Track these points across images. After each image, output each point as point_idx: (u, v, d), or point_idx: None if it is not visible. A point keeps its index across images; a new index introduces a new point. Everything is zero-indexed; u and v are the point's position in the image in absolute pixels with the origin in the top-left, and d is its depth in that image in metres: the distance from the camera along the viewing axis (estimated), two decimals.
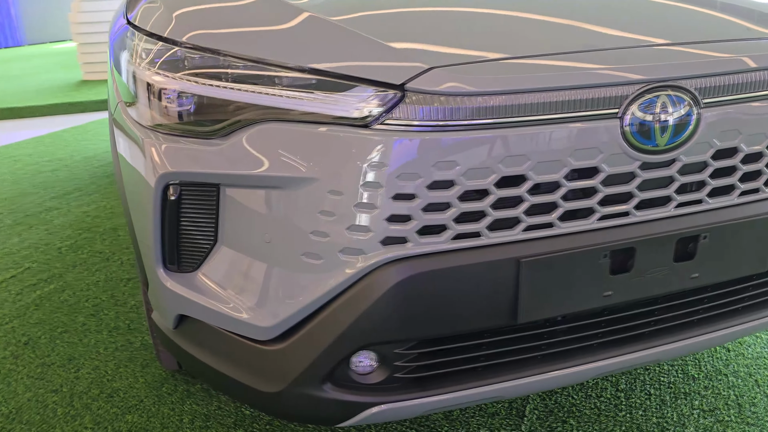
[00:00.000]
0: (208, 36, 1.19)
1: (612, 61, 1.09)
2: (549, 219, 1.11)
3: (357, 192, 1.04)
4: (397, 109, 1.03)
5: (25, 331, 2.14)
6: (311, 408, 1.18)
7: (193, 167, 1.15)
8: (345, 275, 1.08)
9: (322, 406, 1.17)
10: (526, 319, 1.13)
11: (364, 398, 1.16)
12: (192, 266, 1.26)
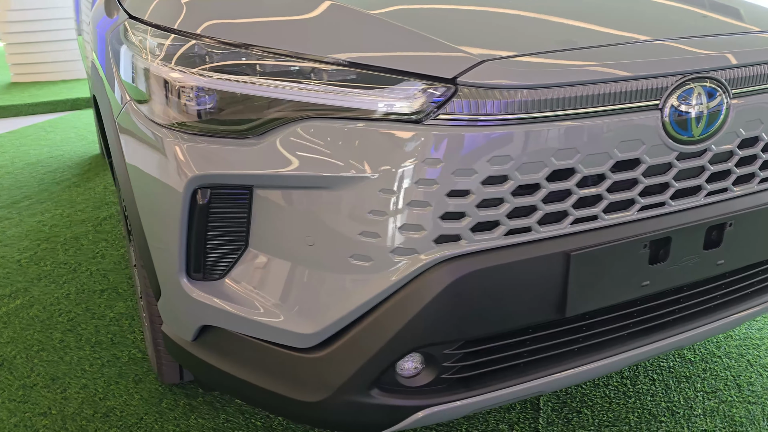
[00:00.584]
0: (237, 29, 1.13)
1: (652, 54, 1.10)
2: (594, 211, 1.11)
3: (410, 189, 1.01)
4: (450, 103, 1.00)
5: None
6: (357, 415, 1.14)
7: (227, 169, 1.09)
8: (397, 276, 1.04)
9: (369, 412, 1.13)
10: (573, 312, 1.13)
11: (412, 402, 1.13)
12: (219, 273, 1.19)
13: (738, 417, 1.62)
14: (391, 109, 1.02)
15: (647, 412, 1.64)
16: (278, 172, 1.06)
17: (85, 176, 3.83)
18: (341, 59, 1.05)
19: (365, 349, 1.08)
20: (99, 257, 2.65)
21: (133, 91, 1.23)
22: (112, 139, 1.38)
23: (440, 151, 1.00)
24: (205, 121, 1.11)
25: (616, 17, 1.22)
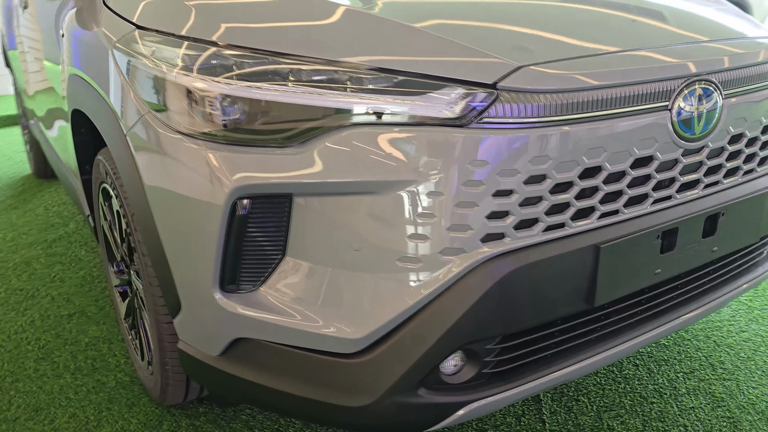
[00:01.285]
0: (269, 38, 1.13)
1: (661, 59, 1.20)
2: (617, 206, 1.19)
3: (458, 191, 1.05)
4: (492, 107, 1.05)
5: None
6: (405, 416, 1.16)
7: (269, 178, 1.08)
8: (446, 276, 1.08)
9: (417, 412, 1.16)
10: (601, 301, 1.20)
11: (456, 398, 1.17)
12: (254, 284, 1.18)
13: (718, 393, 1.76)
14: (436, 114, 1.05)
15: (638, 395, 1.75)
16: (324, 179, 1.07)
17: (21, 198, 3.61)
18: (382, 66, 1.07)
19: (414, 349, 1.10)
20: (57, 281, 2.51)
21: (155, 104, 1.20)
22: (120, 155, 1.33)
23: (485, 153, 1.05)
24: (244, 131, 1.11)
25: (624, 24, 1.32)
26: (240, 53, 1.13)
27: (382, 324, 1.10)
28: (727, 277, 1.54)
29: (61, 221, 3.18)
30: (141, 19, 1.30)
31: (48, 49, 2.16)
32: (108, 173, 1.54)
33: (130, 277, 1.72)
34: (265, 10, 1.26)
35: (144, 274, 1.43)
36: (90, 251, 2.80)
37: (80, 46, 1.60)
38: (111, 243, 1.82)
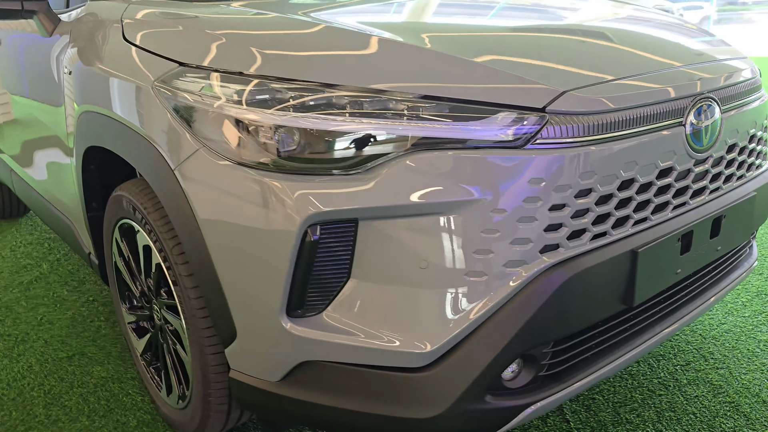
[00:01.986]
0: (319, 70, 1.19)
1: (676, 80, 1.34)
2: (646, 214, 1.31)
3: (519, 207, 1.14)
4: (544, 129, 1.15)
5: None
6: (473, 422, 1.22)
7: (340, 204, 1.14)
8: (510, 287, 1.16)
9: (484, 417, 1.23)
10: (639, 302, 1.31)
11: (518, 401, 1.24)
12: (320, 307, 1.22)
13: (715, 381, 1.91)
14: (493, 137, 1.14)
15: (646, 389, 1.88)
16: (391, 203, 1.14)
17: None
18: (439, 94, 1.15)
19: (482, 358, 1.18)
20: (46, 323, 2.43)
21: (212, 139, 1.23)
22: (166, 189, 1.35)
23: (541, 171, 1.14)
24: (309, 161, 1.16)
25: (636, 51, 1.45)
26: (299, 86, 1.18)
27: (451, 336, 1.17)
28: (725, 272, 1.70)
29: (32, 262, 3.07)
30: (184, 57, 1.34)
31: (37, 88, 2.12)
32: (136, 208, 1.54)
33: (152, 312, 1.72)
34: (310, 43, 1.33)
35: (187, 306, 1.44)
36: (72, 290, 2.72)
37: (99, 83, 1.60)
38: (127, 280, 1.80)
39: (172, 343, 1.64)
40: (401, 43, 1.29)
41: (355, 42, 1.32)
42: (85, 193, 1.86)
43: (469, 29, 1.52)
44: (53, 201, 2.29)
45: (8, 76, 2.49)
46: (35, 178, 2.44)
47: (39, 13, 1.95)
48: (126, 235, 1.72)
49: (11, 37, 2.44)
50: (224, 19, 1.52)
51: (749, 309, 2.34)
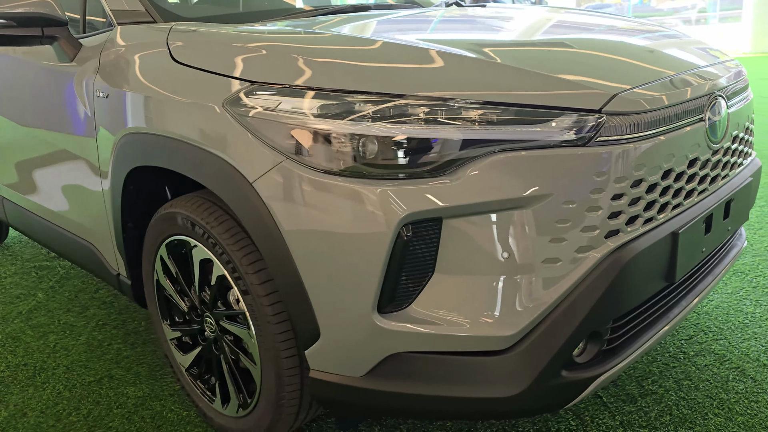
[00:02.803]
0: (393, 82, 1.30)
1: (695, 82, 1.52)
2: (680, 200, 1.48)
3: (587, 198, 1.28)
4: (602, 128, 1.29)
5: None
6: (551, 396, 1.35)
7: (429, 205, 1.24)
8: (581, 270, 1.29)
9: (560, 391, 1.35)
10: (678, 278, 1.47)
11: (587, 374, 1.38)
12: (408, 301, 1.32)
13: (719, 351, 2.11)
14: (559, 137, 1.28)
15: (661, 363, 2.06)
16: (474, 201, 1.25)
17: None
18: (513, 101, 1.28)
19: (558, 337, 1.30)
20: (61, 350, 2.41)
21: (299, 152, 1.31)
22: (243, 202, 1.41)
23: (604, 165, 1.28)
24: (394, 167, 1.26)
25: (660, 55, 1.63)
26: (375, 98, 1.28)
27: (531, 319, 1.29)
28: (727, 251, 1.90)
29: (25, 291, 3.00)
30: (253, 75, 1.41)
31: (51, 113, 2.11)
32: (196, 223, 1.59)
33: (204, 325, 1.76)
34: (373, 58, 1.43)
35: (259, 314, 1.50)
36: (78, 316, 2.69)
37: (149, 105, 1.64)
38: (173, 296, 1.84)
39: (231, 352, 1.69)
40: (461, 55, 1.41)
41: (416, 55, 1.43)
42: (123, 216, 1.88)
43: (515, 43, 1.66)
44: (68, 226, 2.28)
45: (5, 101, 2.45)
46: (42, 205, 2.42)
47: (60, 39, 1.96)
48: (175, 252, 1.76)
49: (5, 63, 2.41)
50: (282, 38, 1.60)
51: (730, 287, 2.57)
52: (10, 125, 2.45)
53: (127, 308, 2.74)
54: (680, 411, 1.81)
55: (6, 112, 2.45)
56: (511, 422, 1.79)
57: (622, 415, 1.81)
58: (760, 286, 2.55)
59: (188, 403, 2.01)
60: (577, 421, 1.79)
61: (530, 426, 1.78)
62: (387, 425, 1.82)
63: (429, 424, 1.80)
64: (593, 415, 1.81)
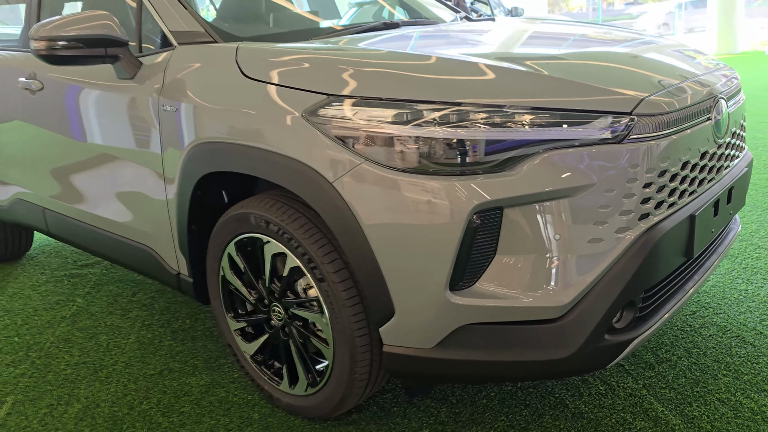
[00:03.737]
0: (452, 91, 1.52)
1: (705, 84, 1.77)
2: (694, 187, 1.73)
3: (623, 186, 1.52)
4: (635, 127, 1.53)
5: None
6: (596, 357, 1.58)
7: (495, 195, 1.47)
8: (620, 248, 1.53)
9: (604, 352, 1.58)
10: (695, 255, 1.72)
11: (625, 338, 1.61)
12: (474, 279, 1.54)
13: (720, 323, 2.37)
14: (598, 136, 1.51)
15: (671, 335, 2.31)
16: (531, 192, 1.48)
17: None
18: (560, 107, 1.51)
19: (602, 305, 1.53)
20: (115, 349, 2.57)
21: (381, 155, 1.52)
22: (324, 201, 1.61)
23: (636, 158, 1.52)
24: (463, 165, 1.48)
25: (671, 63, 1.88)
26: (440, 106, 1.50)
27: (580, 290, 1.52)
28: (727, 233, 2.16)
29: (63, 298, 3.15)
30: (331, 89, 1.62)
31: (110, 127, 2.29)
32: (270, 221, 1.79)
33: (271, 314, 1.95)
34: (430, 71, 1.65)
35: (334, 299, 1.70)
36: (122, 317, 2.85)
37: (221, 117, 1.83)
38: (240, 290, 2.03)
39: (300, 336, 1.89)
40: (509, 68, 1.64)
41: (468, 68, 1.65)
42: (189, 218, 2.06)
43: (550, 57, 1.89)
44: (122, 231, 2.45)
45: (54, 118, 2.61)
46: (93, 213, 2.58)
47: (122, 58, 2.14)
48: (244, 249, 1.95)
49: (55, 81, 2.57)
50: (346, 54, 1.81)
51: (723, 268, 2.85)
52: (60, 140, 2.61)
53: (168, 309, 2.91)
54: (693, 374, 2.06)
55: (58, 128, 2.61)
56: (548, 389, 2.02)
57: (643, 379, 2.05)
58: (749, 266, 2.84)
59: (251, 388, 2.19)
60: (605, 386, 2.03)
61: (564, 392, 2.01)
62: (436, 398, 2.03)
63: (475, 395, 2.02)
64: (618, 381, 2.05)
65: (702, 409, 1.88)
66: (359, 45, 1.97)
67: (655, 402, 1.93)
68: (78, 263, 3.64)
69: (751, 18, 16.46)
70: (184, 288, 2.28)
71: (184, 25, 2.11)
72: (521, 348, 1.57)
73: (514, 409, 1.95)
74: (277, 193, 1.86)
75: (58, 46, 2.07)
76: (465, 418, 1.93)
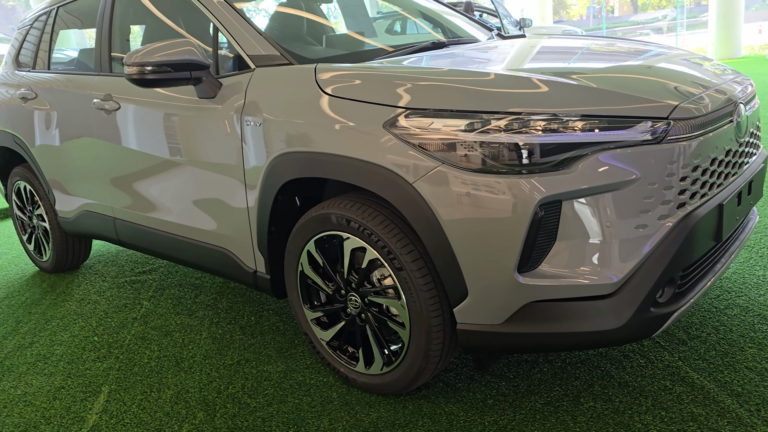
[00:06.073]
0: (512, 102, 1.79)
1: (725, 92, 2.04)
2: (721, 180, 1.99)
3: (663, 180, 1.78)
4: (672, 129, 1.80)
5: None
6: (644, 326, 1.83)
7: (556, 190, 1.73)
8: (662, 233, 1.79)
9: (650, 323, 1.84)
10: (723, 238, 1.99)
11: (668, 310, 1.87)
12: (538, 262, 1.80)
13: (743, 304, 2.62)
14: (641, 138, 1.78)
15: (699, 316, 2.56)
16: (586, 186, 1.74)
17: (60, 291, 3.71)
18: (599, 113, 1.78)
19: (648, 281, 1.79)
20: (190, 344, 2.82)
21: (456, 158, 1.78)
22: (404, 199, 1.87)
23: (673, 156, 1.79)
24: (527, 165, 1.74)
25: (696, 72, 2.15)
26: (504, 116, 1.77)
27: (629, 270, 1.78)
28: (746, 222, 2.43)
29: (129, 302, 3.41)
30: (408, 103, 1.89)
31: (190, 141, 2.56)
32: (351, 220, 2.05)
33: (348, 303, 2.21)
34: (491, 85, 1.92)
35: (413, 285, 1.96)
36: (190, 317, 3.11)
37: (304, 129, 2.10)
38: (318, 283, 2.28)
39: (377, 321, 2.15)
40: (558, 81, 1.91)
41: (523, 82, 1.92)
42: (270, 222, 2.33)
43: (592, 70, 2.15)
44: (199, 236, 2.71)
45: (131, 135, 2.89)
46: (169, 221, 2.84)
47: (204, 79, 2.42)
48: (322, 245, 2.22)
49: (132, 102, 2.85)
50: (416, 72, 2.08)
51: (741, 257, 3.11)
52: (137, 154, 2.88)
53: (232, 308, 3.17)
54: (722, 347, 2.32)
55: (135, 144, 2.88)
56: (594, 363, 2.28)
57: (678, 353, 2.30)
58: (765, 255, 3.09)
59: (325, 371, 2.45)
60: (645, 360, 2.28)
61: (609, 365, 2.27)
62: (496, 374, 2.29)
63: (530, 369, 2.28)
64: (656, 355, 2.31)
65: (732, 376, 2.13)
66: (423, 64, 2.24)
67: (691, 371, 2.18)
68: (135, 270, 3.91)
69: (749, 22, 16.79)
70: (260, 284, 2.53)
71: (261, 49, 2.39)
72: (579, 320, 1.83)
73: (566, 381, 2.21)
74: (355, 195, 2.13)
75: (147, 70, 2.35)
76: (523, 390, 2.18)
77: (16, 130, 3.79)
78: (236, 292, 3.38)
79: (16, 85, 3.80)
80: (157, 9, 3.09)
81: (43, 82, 3.57)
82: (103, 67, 3.17)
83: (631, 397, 2.08)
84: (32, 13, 3.95)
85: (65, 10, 3.67)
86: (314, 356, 2.58)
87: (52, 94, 3.46)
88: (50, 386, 2.59)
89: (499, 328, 1.88)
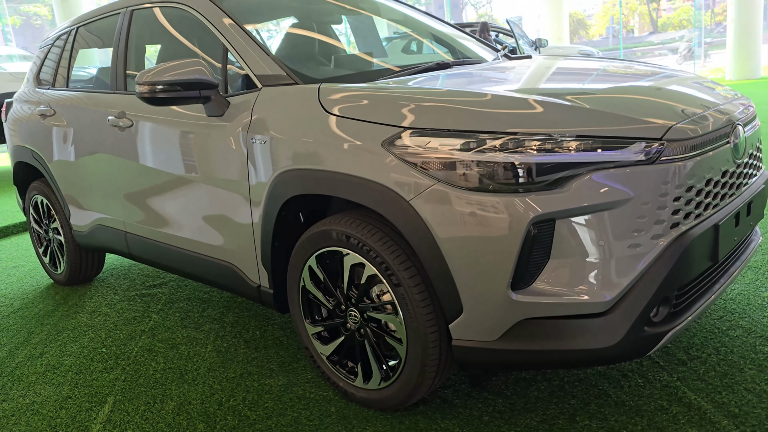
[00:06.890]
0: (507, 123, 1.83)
1: (722, 114, 2.06)
2: (717, 201, 2.01)
3: (657, 200, 1.80)
4: (665, 150, 1.82)
5: None
6: (638, 345, 1.84)
7: (549, 209, 1.76)
8: (655, 252, 1.80)
9: (644, 342, 1.85)
10: (720, 259, 1.99)
11: (662, 329, 1.88)
12: (531, 280, 1.82)
13: (746, 325, 2.61)
14: (634, 158, 1.80)
15: (701, 336, 2.56)
16: (579, 205, 1.77)
17: (72, 303, 3.79)
18: (592, 134, 1.81)
19: (641, 301, 1.80)
20: (194, 357, 2.87)
21: (452, 178, 1.82)
22: (401, 216, 1.91)
23: (667, 176, 1.81)
24: (521, 184, 1.77)
25: (693, 94, 2.18)
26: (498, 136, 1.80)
27: (622, 288, 1.79)
28: (748, 243, 2.43)
29: (138, 314, 3.47)
30: (406, 122, 1.93)
31: (200, 158, 2.63)
32: (350, 236, 2.10)
33: (347, 318, 2.24)
34: (487, 105, 1.96)
35: (410, 301, 1.99)
36: (196, 330, 3.16)
37: (307, 147, 2.15)
38: (319, 297, 2.32)
39: (375, 336, 2.18)
40: (554, 102, 1.95)
41: (519, 103, 1.96)
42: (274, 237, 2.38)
43: (589, 91, 2.18)
44: (205, 250, 2.77)
45: (143, 151, 2.97)
46: (177, 235, 2.91)
47: (213, 98, 2.49)
48: (323, 261, 2.26)
49: (145, 119, 2.93)
50: (415, 92, 2.12)
51: (747, 278, 3.09)
52: (148, 170, 2.96)
53: (238, 322, 3.22)
54: (721, 368, 2.31)
55: (147, 160, 2.96)
56: (591, 382, 2.28)
57: (677, 373, 2.30)
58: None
59: (325, 386, 2.48)
60: (643, 380, 2.28)
61: (607, 384, 2.27)
62: (493, 391, 2.30)
63: (527, 387, 2.29)
64: (654, 375, 2.31)
65: (730, 397, 2.12)
66: (425, 84, 2.29)
67: (688, 391, 2.18)
68: (146, 284, 3.97)
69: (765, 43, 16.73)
70: (264, 299, 2.58)
71: (267, 69, 2.46)
72: (572, 338, 1.84)
73: (562, 400, 2.21)
74: (355, 212, 2.17)
75: (158, 89, 2.43)
76: (519, 407, 2.19)
77: (35, 145, 3.90)
78: (243, 306, 3.43)
79: (36, 102, 3.93)
80: (172, 29, 3.19)
81: (62, 99, 3.69)
82: (119, 85, 3.26)
83: (627, 416, 2.08)
84: (54, 33, 4.09)
85: (85, 29, 3.79)
86: (315, 371, 2.61)
87: (70, 111, 3.57)
88: (57, 396, 2.65)
89: (493, 345, 1.90)
